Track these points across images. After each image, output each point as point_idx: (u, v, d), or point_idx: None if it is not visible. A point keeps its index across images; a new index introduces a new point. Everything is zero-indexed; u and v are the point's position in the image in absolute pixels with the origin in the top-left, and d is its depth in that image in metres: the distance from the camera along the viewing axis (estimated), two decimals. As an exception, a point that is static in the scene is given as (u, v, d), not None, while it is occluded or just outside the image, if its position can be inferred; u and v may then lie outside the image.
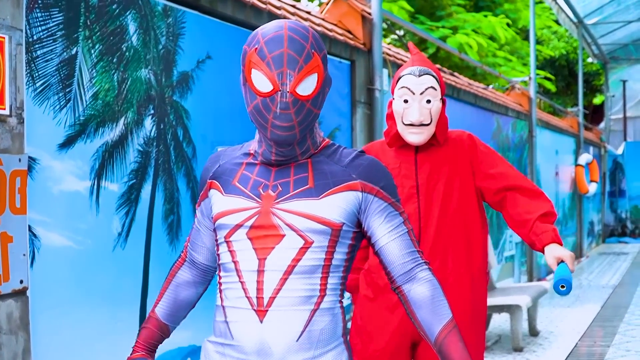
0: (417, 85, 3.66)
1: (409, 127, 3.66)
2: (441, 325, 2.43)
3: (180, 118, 4.26)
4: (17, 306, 3.09)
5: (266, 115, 2.31)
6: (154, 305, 2.62)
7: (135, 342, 2.59)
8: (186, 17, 4.32)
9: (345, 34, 6.38)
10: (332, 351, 2.44)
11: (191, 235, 2.63)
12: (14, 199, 3.08)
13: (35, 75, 3.31)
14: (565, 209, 16.69)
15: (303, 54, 2.30)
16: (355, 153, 2.50)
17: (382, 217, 2.49)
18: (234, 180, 2.45)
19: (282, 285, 2.36)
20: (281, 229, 2.38)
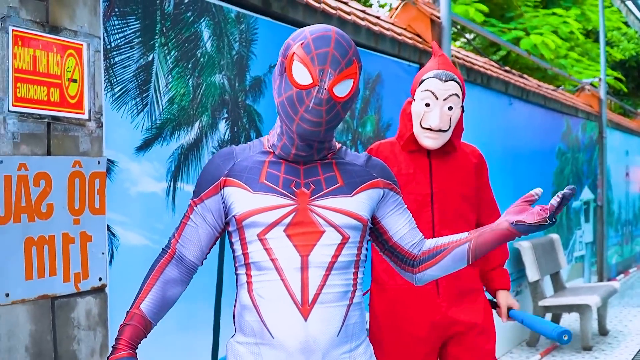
0: (442, 91, 3.57)
1: (426, 131, 3.59)
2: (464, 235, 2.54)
3: (253, 121, 4.29)
4: (96, 303, 3.15)
5: (298, 107, 2.33)
6: (137, 301, 2.50)
7: (119, 340, 2.45)
8: (258, 24, 4.35)
9: (415, 38, 6.36)
10: (363, 343, 2.52)
11: (183, 232, 2.53)
12: (93, 200, 3.13)
13: (114, 81, 3.36)
14: (635, 209, 16.41)
15: (346, 58, 2.33)
16: (367, 155, 2.60)
17: (401, 209, 2.63)
18: (261, 178, 2.43)
19: (325, 281, 2.39)
20: (321, 225, 2.40)
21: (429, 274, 2.59)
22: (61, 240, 2.98)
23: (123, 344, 2.44)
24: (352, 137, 5.35)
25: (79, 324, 3.06)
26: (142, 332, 2.49)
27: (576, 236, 11.39)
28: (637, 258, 16.52)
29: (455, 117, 3.59)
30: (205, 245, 2.55)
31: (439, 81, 3.57)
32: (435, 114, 3.55)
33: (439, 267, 2.57)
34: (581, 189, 11.69)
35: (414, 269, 2.61)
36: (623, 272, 14.61)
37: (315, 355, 2.37)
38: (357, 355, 2.48)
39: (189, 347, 3.76)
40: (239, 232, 2.45)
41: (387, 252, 2.65)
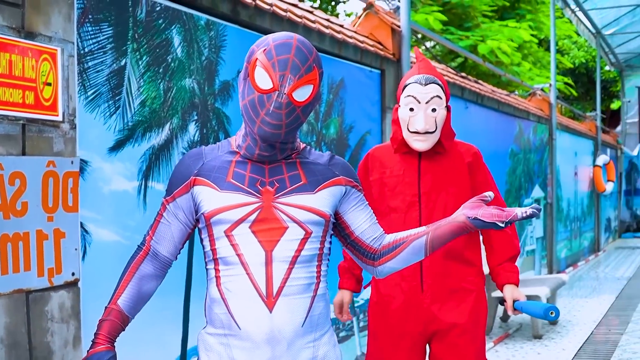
0: (423, 94, 3.51)
1: (414, 135, 3.54)
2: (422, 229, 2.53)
3: (221, 123, 4.25)
4: (69, 296, 3.10)
5: (260, 110, 2.33)
6: (114, 297, 2.47)
7: (98, 335, 2.43)
8: (227, 31, 4.31)
9: (376, 45, 6.35)
10: (327, 333, 2.52)
11: (157, 229, 2.51)
12: (67, 198, 3.09)
13: (87, 85, 3.32)
14: (583, 206, 16.54)
15: (306, 65, 2.34)
16: (330, 154, 2.60)
17: (362, 205, 2.62)
18: (228, 177, 2.42)
19: (288, 274, 2.39)
20: (284, 221, 2.40)
21: (389, 266, 2.59)
22: (35, 237, 2.94)
23: (102, 338, 2.42)
24: (317, 138, 5.33)
25: (52, 317, 3.02)
26: (120, 327, 2.47)
27: (527, 231, 11.45)
28: (585, 252, 16.66)
29: (440, 118, 3.55)
30: (179, 241, 2.55)
31: (420, 85, 3.53)
32: (420, 118, 3.51)
33: (398, 260, 2.57)
34: (532, 187, 11.75)
35: (374, 262, 2.61)
36: (572, 265, 14.73)
37: (281, 345, 2.37)
38: (321, 344, 2.48)
39: (160, 339, 3.72)
40: (207, 229, 2.45)
41: (350, 246, 2.65)
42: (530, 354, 7.62)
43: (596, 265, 15.49)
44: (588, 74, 24.91)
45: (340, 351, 2.60)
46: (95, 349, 2.39)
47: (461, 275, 3.67)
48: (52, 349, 3.01)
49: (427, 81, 3.54)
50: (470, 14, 15.73)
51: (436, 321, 3.63)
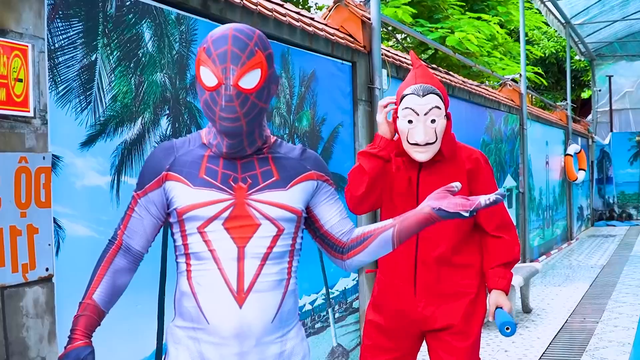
0: (421, 106, 3.46)
1: (414, 147, 3.49)
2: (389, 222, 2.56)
3: (193, 117, 4.26)
4: (43, 292, 3.11)
5: (213, 108, 2.35)
6: (89, 292, 2.49)
7: (75, 330, 2.44)
8: (198, 25, 4.32)
9: (347, 38, 6.37)
10: (295, 327, 2.56)
11: (128, 223, 2.55)
12: (39, 194, 3.09)
13: (58, 80, 3.32)
14: (555, 195, 16.66)
15: (246, 51, 2.33)
16: (302, 147, 2.62)
17: (332, 200, 2.64)
18: (200, 173, 2.43)
19: (260, 271, 2.41)
20: (257, 218, 2.42)
21: (357, 259, 2.62)
22: (9, 233, 2.93)
23: (79, 334, 2.43)
24: (289, 131, 5.35)
25: (27, 313, 3.02)
26: (96, 321, 2.49)
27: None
28: (558, 240, 16.78)
29: (440, 128, 3.50)
30: (150, 235, 2.57)
31: (417, 97, 3.47)
32: (419, 130, 3.46)
33: (366, 253, 2.59)
34: (504, 177, 11.82)
35: (343, 255, 2.63)
36: (545, 254, 14.84)
37: (249, 340, 2.40)
38: (288, 339, 2.51)
39: (135, 333, 3.73)
40: (179, 224, 2.46)
41: (319, 239, 2.67)
42: (504, 343, 7.68)
43: (569, 253, 15.62)
44: (558, 63, 25.07)
45: (307, 345, 2.62)
46: (74, 345, 2.41)
47: (455, 279, 3.69)
48: (28, 344, 3.02)
49: (424, 92, 3.48)
50: (439, 6, 15.78)
51: (429, 323, 3.66)
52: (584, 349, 7.30)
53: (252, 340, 2.40)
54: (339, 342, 5.97)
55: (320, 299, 5.75)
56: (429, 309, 3.65)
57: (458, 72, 14.65)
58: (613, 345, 7.37)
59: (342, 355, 5.98)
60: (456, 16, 15.44)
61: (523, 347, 7.49)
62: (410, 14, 13.87)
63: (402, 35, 15.13)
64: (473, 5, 17.03)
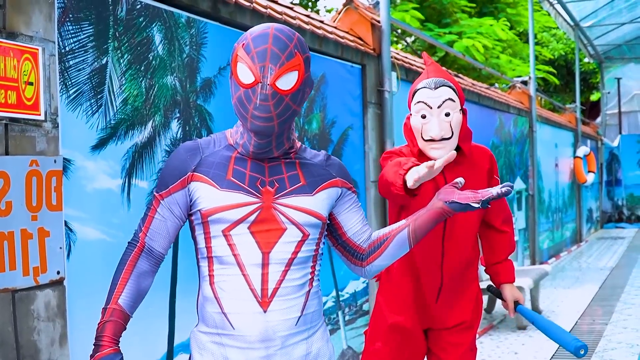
0: (434, 99, 3.30)
1: (430, 143, 3.33)
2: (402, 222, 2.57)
3: (204, 120, 4.25)
4: (55, 295, 3.10)
5: (247, 105, 2.32)
6: (114, 297, 2.39)
7: (102, 337, 2.35)
8: (208, 28, 4.31)
9: (356, 41, 6.36)
10: (320, 329, 2.54)
11: (151, 225, 2.45)
12: (50, 197, 3.08)
13: (69, 84, 3.31)
14: (565, 197, 16.62)
15: (286, 52, 2.31)
16: (326, 154, 2.60)
17: (356, 207, 2.63)
18: (228, 175, 2.40)
19: (284, 276, 2.38)
20: (283, 223, 2.39)
21: (377, 264, 2.61)
22: (20, 236, 2.93)
23: (107, 340, 2.35)
24: (300, 134, 5.34)
25: (38, 316, 3.02)
26: (123, 326, 2.41)
27: (510, 224, 11.47)
28: (567, 243, 16.73)
29: (455, 122, 3.32)
30: (172, 236, 2.51)
31: (430, 90, 3.32)
32: (434, 124, 3.30)
33: (385, 256, 2.58)
34: (514, 180, 11.79)
35: (362, 262, 2.63)
36: (554, 256, 14.80)
37: (275, 343, 2.38)
38: (314, 341, 2.50)
39: (146, 336, 3.72)
40: (203, 226, 2.42)
41: (339, 247, 2.66)
42: (514, 345, 7.65)
43: (578, 255, 15.57)
44: (567, 66, 25.00)
45: (332, 347, 2.61)
46: (103, 352, 2.34)
47: (469, 279, 3.69)
48: (39, 347, 3.01)
49: (437, 84, 3.34)
50: (448, 9, 15.78)
51: (441, 322, 3.65)
52: (593, 351, 7.26)
53: (278, 342, 2.38)
54: (349, 345, 5.95)
55: (330, 302, 5.73)
56: (444, 310, 3.63)
57: (467, 74, 14.63)
58: (622, 347, 7.33)
59: (352, 358, 5.96)
60: (464, 21, 15.44)
61: (533, 349, 7.46)
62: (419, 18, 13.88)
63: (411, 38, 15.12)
64: (482, 7, 17.01)
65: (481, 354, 7.33)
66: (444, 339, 3.66)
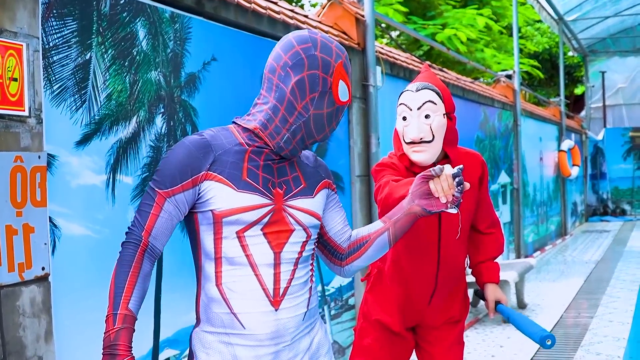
0: (415, 101, 3.29)
1: (411, 146, 3.31)
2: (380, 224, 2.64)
3: (188, 115, 4.25)
4: (40, 291, 3.10)
5: (332, 120, 2.45)
6: (123, 301, 2.27)
7: (118, 346, 2.24)
8: (192, 23, 4.31)
9: (341, 35, 6.37)
10: (318, 321, 2.63)
11: (155, 224, 2.34)
12: (35, 193, 3.08)
13: (52, 79, 3.31)
14: (549, 191, 16.68)
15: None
16: (314, 154, 2.67)
17: (338, 207, 2.72)
18: (243, 175, 2.37)
19: (293, 275, 2.45)
20: (291, 224, 2.44)
21: (356, 265, 2.70)
22: (5, 232, 2.92)
23: (124, 349, 2.24)
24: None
25: (24, 312, 3.02)
26: (133, 332, 2.31)
27: (495, 217, 11.50)
28: (552, 236, 16.80)
29: (436, 125, 3.28)
30: (171, 234, 2.45)
31: (412, 92, 3.32)
32: (413, 126, 3.27)
33: (365, 258, 2.68)
34: (498, 174, 11.83)
35: (342, 262, 2.71)
36: (539, 250, 14.86)
37: (285, 339, 2.43)
38: (315, 333, 2.59)
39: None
40: (214, 227, 2.37)
41: (320, 245, 2.72)
42: (500, 338, 7.69)
43: (564, 249, 15.64)
44: (552, 59, 25.09)
45: (330, 336, 2.69)
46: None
47: (460, 279, 3.71)
48: (25, 343, 3.01)
49: (419, 87, 3.33)
50: (433, 2, 15.81)
51: (430, 320, 3.66)
52: (579, 344, 7.30)
53: (288, 338, 2.43)
54: (335, 339, 5.97)
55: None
56: (434, 311, 3.65)
57: (453, 68, 14.67)
58: (608, 340, 7.38)
59: (337, 352, 5.98)
60: (448, 12, 15.48)
61: (519, 342, 7.50)
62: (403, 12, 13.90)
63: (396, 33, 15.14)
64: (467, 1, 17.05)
65: (467, 348, 7.36)
66: (431, 334, 3.68)
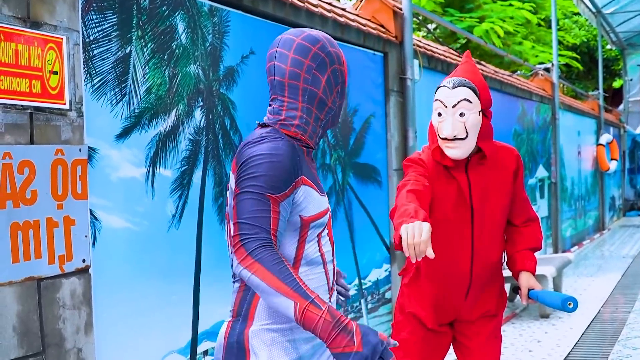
0: (450, 98, 3.30)
1: (444, 142, 3.33)
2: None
3: (227, 109, 4.25)
4: (80, 283, 3.12)
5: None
6: (307, 289, 2.22)
7: (339, 317, 2.22)
8: (230, 16, 4.31)
9: (378, 28, 6.34)
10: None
11: (278, 226, 2.31)
12: (76, 186, 3.09)
13: (93, 73, 3.32)
14: (587, 185, 16.54)
15: None
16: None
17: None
18: (317, 179, 2.53)
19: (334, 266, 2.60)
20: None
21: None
22: (45, 225, 2.94)
23: (343, 317, 2.24)
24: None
25: (64, 304, 3.03)
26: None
27: (532, 212, 11.43)
28: (590, 231, 16.66)
29: (471, 123, 3.29)
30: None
31: (448, 89, 3.32)
32: (448, 123, 3.30)
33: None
34: (536, 167, 11.74)
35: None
36: (577, 244, 14.74)
37: None
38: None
39: (170, 324, 3.74)
40: (300, 231, 2.41)
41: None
42: (537, 333, 7.64)
43: (601, 243, 15.51)
44: (589, 52, 24.85)
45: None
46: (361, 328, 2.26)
47: (496, 272, 3.68)
48: (64, 335, 3.03)
49: (455, 84, 3.32)
50: (471, -6, 15.72)
51: (467, 314, 3.65)
52: (617, 339, 7.23)
53: None
54: (372, 333, 5.95)
55: (353, 290, 5.74)
56: (470, 305, 3.63)
57: (490, 61, 14.57)
58: (647, 336, 7.31)
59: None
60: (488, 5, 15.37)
61: (556, 337, 7.44)
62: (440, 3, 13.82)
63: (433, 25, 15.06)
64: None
65: (504, 343, 7.31)
66: (468, 329, 3.66)
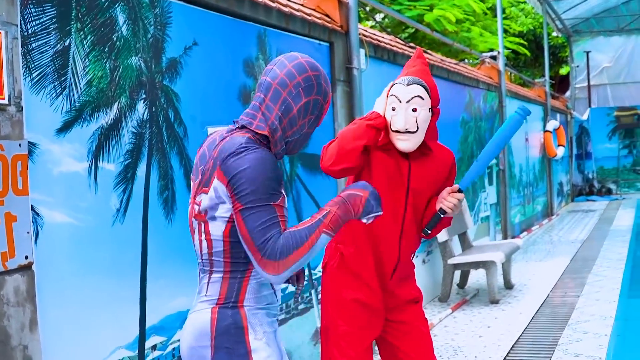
0: (405, 94, 3.59)
1: (396, 134, 3.61)
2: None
3: (170, 101, 4.23)
4: (24, 280, 3.08)
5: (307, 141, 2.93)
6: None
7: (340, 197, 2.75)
8: (172, 7, 4.28)
9: (324, 18, 6.34)
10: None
11: (286, 225, 2.68)
12: (16, 181, 3.06)
13: (32, 67, 3.28)
14: (535, 171, 16.73)
15: None
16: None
17: None
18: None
19: None
20: None
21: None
22: (-14, 222, 2.91)
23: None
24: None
25: (8, 301, 3.00)
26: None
27: (481, 198, 11.56)
28: (539, 217, 16.86)
29: (422, 118, 3.60)
30: None
31: (402, 86, 3.62)
32: (401, 116, 3.58)
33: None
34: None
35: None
36: (526, 230, 14.90)
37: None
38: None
39: (118, 320, 3.71)
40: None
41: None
42: (487, 319, 7.72)
43: (550, 229, 15.71)
44: (536, 40, 25.09)
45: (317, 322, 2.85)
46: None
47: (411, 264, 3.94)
48: (9, 332, 3.00)
49: (410, 82, 3.62)
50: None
51: (394, 299, 3.84)
52: (566, 323, 7.34)
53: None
54: (323, 323, 5.97)
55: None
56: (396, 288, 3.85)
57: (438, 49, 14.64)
58: (595, 319, 7.42)
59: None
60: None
61: (506, 322, 7.53)
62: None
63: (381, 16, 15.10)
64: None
65: (454, 328, 7.39)
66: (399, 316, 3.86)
